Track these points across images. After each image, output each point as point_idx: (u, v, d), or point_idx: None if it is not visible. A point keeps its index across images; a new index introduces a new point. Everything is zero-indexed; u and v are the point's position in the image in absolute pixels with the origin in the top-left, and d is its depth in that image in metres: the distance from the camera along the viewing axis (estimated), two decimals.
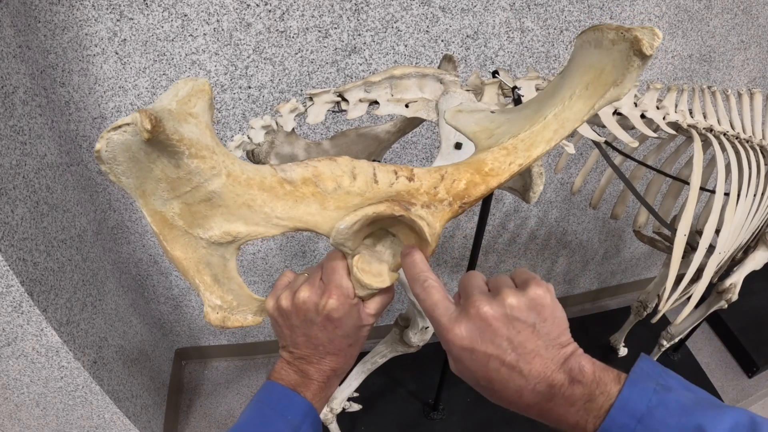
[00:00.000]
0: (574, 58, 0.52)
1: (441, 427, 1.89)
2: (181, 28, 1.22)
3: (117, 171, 0.49)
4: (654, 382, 0.44)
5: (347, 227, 0.52)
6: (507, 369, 0.46)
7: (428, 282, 0.51)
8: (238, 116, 1.41)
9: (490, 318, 0.46)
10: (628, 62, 0.46)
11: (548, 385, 0.45)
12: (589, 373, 0.45)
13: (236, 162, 0.51)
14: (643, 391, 0.43)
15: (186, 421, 2.03)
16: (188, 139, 0.47)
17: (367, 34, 1.34)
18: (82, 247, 1.39)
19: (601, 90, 0.48)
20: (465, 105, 0.62)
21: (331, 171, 0.52)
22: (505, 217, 2.00)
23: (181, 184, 0.50)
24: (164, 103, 0.50)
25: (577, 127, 0.51)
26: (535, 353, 0.46)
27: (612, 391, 0.44)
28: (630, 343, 2.20)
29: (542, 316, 0.47)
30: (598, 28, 0.48)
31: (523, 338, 0.46)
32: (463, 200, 0.52)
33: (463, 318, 0.47)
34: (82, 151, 1.38)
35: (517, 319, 0.46)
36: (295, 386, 0.60)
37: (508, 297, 0.47)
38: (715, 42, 1.72)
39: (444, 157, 0.77)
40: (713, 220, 1.21)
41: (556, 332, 0.47)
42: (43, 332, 1.21)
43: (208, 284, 0.57)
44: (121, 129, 0.46)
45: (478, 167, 0.53)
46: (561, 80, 0.53)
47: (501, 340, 0.46)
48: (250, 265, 1.82)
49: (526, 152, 0.52)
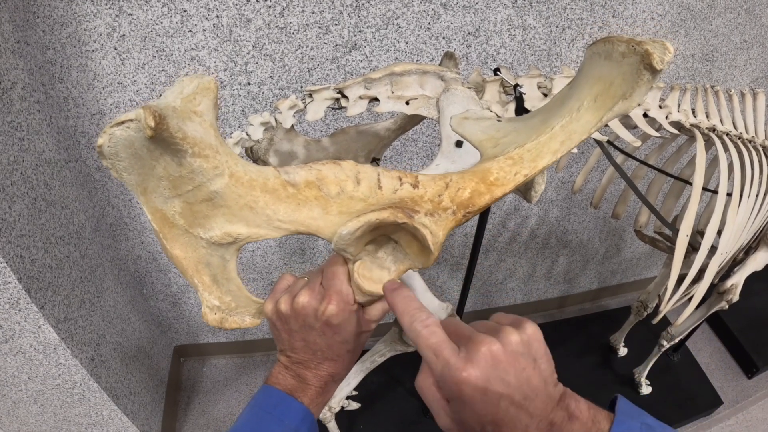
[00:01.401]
0: (583, 69, 0.51)
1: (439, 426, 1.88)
2: (181, 24, 1.21)
3: (119, 167, 0.48)
4: (638, 422, 0.45)
5: (350, 233, 0.51)
6: (515, 408, 0.44)
7: (431, 319, 0.48)
8: (238, 113, 1.40)
9: (500, 357, 0.44)
10: (638, 76, 0.45)
11: (549, 422, 0.45)
12: (585, 410, 0.46)
13: (239, 162, 0.51)
14: (630, 429, 0.45)
15: (184, 418, 2.02)
16: (192, 137, 0.47)
17: (367, 30, 1.33)
18: (80, 243, 1.38)
19: (610, 103, 0.48)
20: (471, 112, 0.61)
21: (334, 175, 0.51)
22: (506, 215, 1.99)
23: (183, 183, 0.49)
24: (169, 100, 0.49)
25: (585, 139, 0.50)
26: (537, 391, 0.45)
27: (605, 429, 0.45)
28: (630, 343, 2.19)
29: (539, 353, 0.47)
30: (609, 40, 0.47)
31: (527, 375, 0.45)
32: (467, 209, 0.52)
33: (475, 357, 0.44)
34: (81, 148, 1.37)
35: (521, 354, 0.45)
36: (292, 391, 0.59)
37: (511, 335, 0.46)
38: (717, 41, 1.71)
39: (445, 155, 0.76)
40: (715, 220, 1.21)
41: (550, 369, 0.47)
42: (40, 329, 1.20)
43: (207, 284, 0.57)
44: (125, 125, 0.45)
45: (483, 176, 0.52)
46: (569, 91, 0.52)
47: (510, 378, 0.44)
48: (249, 262, 1.81)
49: (532, 163, 0.52)
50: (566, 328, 2.33)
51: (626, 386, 2.08)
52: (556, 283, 2.45)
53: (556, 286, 2.46)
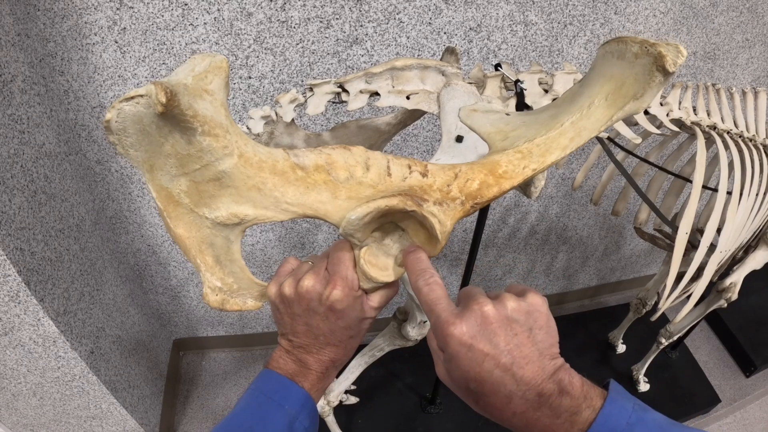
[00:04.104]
0: (595, 67, 0.51)
1: (438, 420, 1.89)
2: (182, 17, 1.21)
3: (126, 143, 0.48)
4: (631, 402, 0.45)
5: (358, 218, 0.51)
6: (500, 371, 0.45)
7: (433, 278, 0.51)
8: (238, 106, 1.40)
9: (491, 317, 0.46)
10: (650, 77, 0.46)
11: (538, 393, 0.45)
12: (578, 386, 0.46)
13: (249, 143, 0.50)
14: (623, 408, 0.44)
15: (183, 411, 2.03)
16: (202, 115, 0.46)
17: (369, 25, 1.32)
18: (80, 236, 1.38)
19: (621, 102, 0.48)
20: (480, 105, 0.61)
21: (344, 160, 0.51)
22: (506, 211, 1.99)
23: (191, 162, 0.49)
24: (180, 77, 0.48)
25: (593, 137, 0.50)
26: (529, 359, 0.46)
27: (598, 406, 0.45)
28: (628, 340, 2.20)
29: (538, 324, 0.48)
30: (623, 40, 0.47)
31: (519, 341, 0.46)
32: (475, 200, 0.52)
33: (466, 314, 0.47)
34: (81, 141, 1.37)
35: (516, 321, 0.47)
36: (293, 375, 0.59)
37: (509, 300, 0.48)
38: (719, 40, 1.71)
39: (445, 150, 0.76)
40: (715, 218, 1.21)
41: (548, 341, 0.48)
42: (40, 322, 1.20)
43: (210, 265, 0.56)
44: (134, 100, 0.45)
45: (492, 168, 0.52)
46: (580, 88, 0.53)
47: (499, 340, 0.46)
48: (248, 255, 1.81)
49: (541, 157, 0.52)
50: (565, 324, 2.34)
51: (624, 383, 2.08)
52: (555, 280, 2.45)
53: (556, 282, 2.47)
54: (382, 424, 1.86)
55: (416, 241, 0.55)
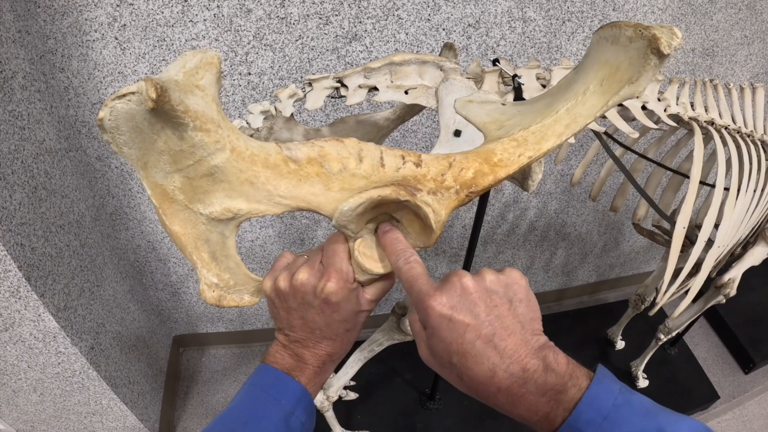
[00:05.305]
0: (589, 53, 0.51)
1: (437, 416, 1.89)
2: (181, 14, 1.21)
3: (119, 141, 0.48)
4: (618, 384, 0.45)
5: (351, 209, 0.51)
6: (482, 342, 0.45)
7: (414, 257, 0.52)
8: (238, 102, 1.41)
9: (471, 288, 0.47)
10: (644, 60, 0.46)
11: (522, 368, 0.45)
12: (563, 364, 0.46)
13: (241, 137, 0.50)
14: (609, 390, 0.44)
15: (183, 407, 2.04)
16: (194, 111, 0.46)
17: (368, 21, 1.33)
18: (80, 232, 1.39)
19: (616, 87, 0.48)
20: (476, 96, 0.61)
21: (337, 152, 0.51)
22: (504, 207, 1.99)
23: (184, 157, 0.49)
24: (171, 73, 0.49)
25: (589, 123, 0.50)
26: (511, 330, 0.46)
27: (584, 386, 0.45)
28: (627, 336, 2.20)
29: (518, 296, 0.49)
30: (616, 25, 0.47)
31: (499, 312, 0.47)
32: (470, 189, 0.52)
33: (445, 286, 0.48)
34: (81, 137, 1.38)
35: (495, 292, 0.48)
36: (289, 370, 0.59)
37: (487, 273, 0.49)
38: (718, 36, 1.71)
39: (443, 145, 0.76)
40: (713, 214, 1.21)
41: (530, 315, 0.48)
42: (40, 317, 1.21)
43: (206, 261, 0.57)
44: (126, 98, 0.45)
45: (487, 157, 0.52)
46: (575, 75, 0.52)
47: (479, 310, 0.46)
48: (248, 252, 1.82)
49: (537, 145, 0.52)
50: (564, 320, 2.34)
51: (623, 379, 2.04)
52: (554, 276, 2.46)
53: (555, 278, 2.47)
54: (382, 420, 1.86)
55: (411, 232, 0.55)
